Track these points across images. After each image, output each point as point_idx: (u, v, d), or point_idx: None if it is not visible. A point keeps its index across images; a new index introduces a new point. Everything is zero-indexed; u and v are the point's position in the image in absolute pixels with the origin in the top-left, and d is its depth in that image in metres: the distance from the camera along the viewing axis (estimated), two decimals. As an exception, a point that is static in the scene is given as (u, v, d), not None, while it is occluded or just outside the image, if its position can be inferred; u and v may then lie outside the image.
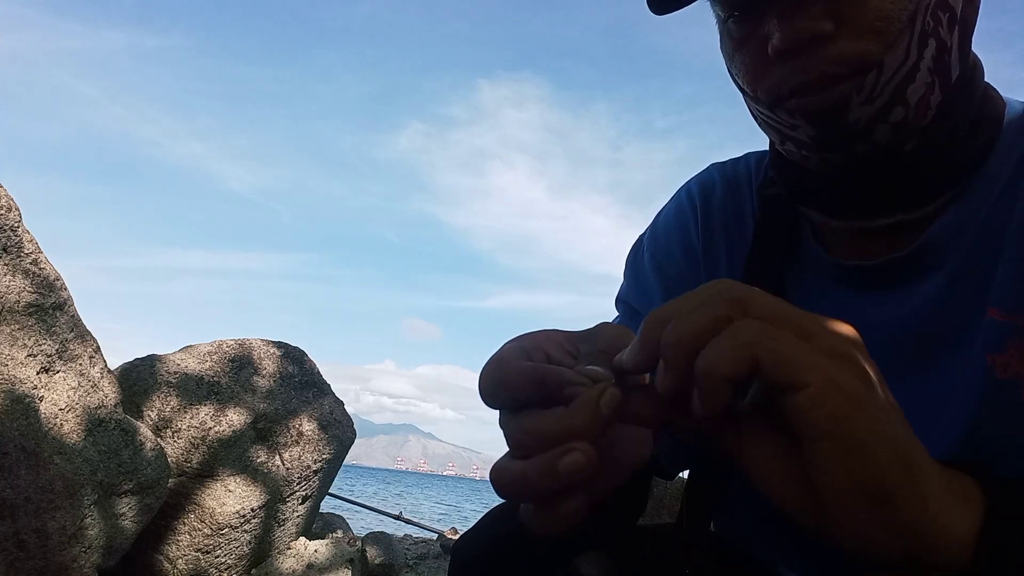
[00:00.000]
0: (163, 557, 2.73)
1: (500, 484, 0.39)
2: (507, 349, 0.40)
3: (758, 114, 0.63)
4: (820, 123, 0.57)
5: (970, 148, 0.59)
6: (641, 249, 0.81)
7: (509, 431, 0.39)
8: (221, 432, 2.83)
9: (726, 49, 0.63)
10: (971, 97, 0.59)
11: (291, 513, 3.09)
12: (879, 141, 0.57)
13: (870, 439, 0.31)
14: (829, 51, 0.54)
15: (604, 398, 0.36)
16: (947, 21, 0.56)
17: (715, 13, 0.63)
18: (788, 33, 0.55)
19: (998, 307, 0.56)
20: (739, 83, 0.62)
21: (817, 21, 0.54)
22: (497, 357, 0.40)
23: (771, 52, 0.56)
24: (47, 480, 1.97)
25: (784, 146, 0.62)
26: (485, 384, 0.39)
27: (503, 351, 0.40)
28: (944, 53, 0.56)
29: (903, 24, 0.54)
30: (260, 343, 3.26)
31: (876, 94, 0.55)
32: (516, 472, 0.37)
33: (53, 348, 2.11)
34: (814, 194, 0.63)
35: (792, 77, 0.56)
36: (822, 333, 0.33)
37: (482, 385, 0.39)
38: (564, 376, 0.37)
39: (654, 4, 0.61)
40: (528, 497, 0.38)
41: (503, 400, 0.39)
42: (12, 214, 2.04)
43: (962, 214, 0.59)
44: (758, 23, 0.58)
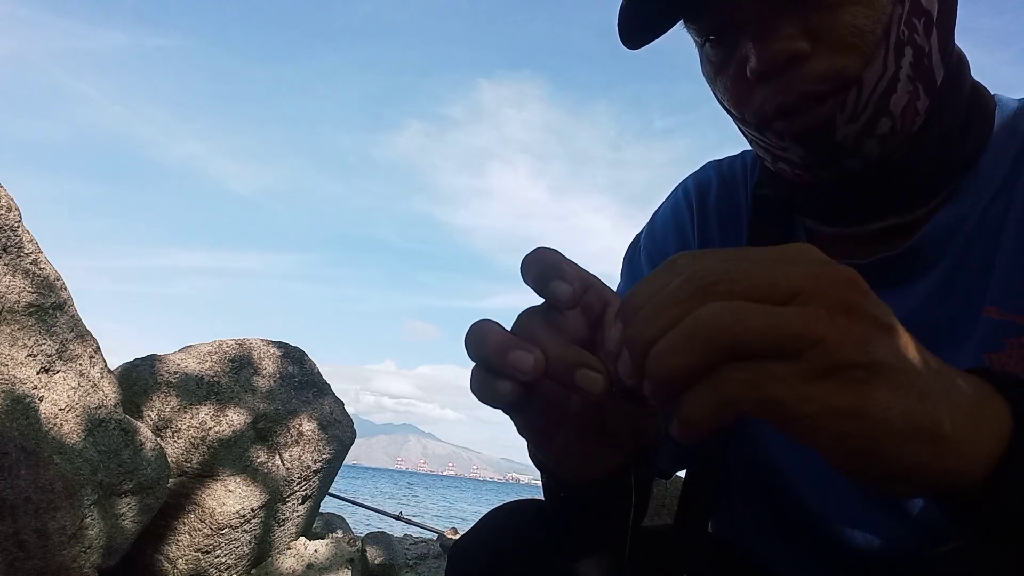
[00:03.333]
0: (163, 557, 2.73)
1: (472, 330, 0.41)
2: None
3: (749, 135, 0.63)
4: (808, 144, 0.57)
5: (962, 149, 0.59)
6: (638, 248, 0.81)
7: (525, 311, 0.43)
8: (221, 432, 2.83)
9: (707, 73, 0.63)
10: (959, 96, 0.59)
11: (291, 513, 3.09)
12: (869, 154, 0.57)
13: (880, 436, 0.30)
14: (807, 70, 0.54)
15: (586, 373, 0.39)
16: (923, 26, 0.55)
17: (692, 38, 0.63)
18: (764, 55, 0.55)
19: (996, 305, 0.56)
20: (725, 106, 0.63)
21: (792, 42, 0.54)
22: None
23: (750, 75, 0.56)
24: (47, 480, 1.97)
25: (777, 166, 0.62)
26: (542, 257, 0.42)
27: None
28: (923, 58, 0.56)
29: (878, 37, 0.54)
30: (260, 343, 3.26)
31: (860, 110, 0.55)
32: (488, 332, 0.41)
33: (53, 348, 2.11)
34: (807, 204, 0.64)
35: (774, 98, 0.56)
36: (807, 289, 0.31)
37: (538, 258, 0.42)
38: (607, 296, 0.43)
39: (627, 39, 0.62)
40: (474, 354, 0.41)
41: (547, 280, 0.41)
42: (12, 214, 2.04)
43: (955, 214, 0.59)
44: (734, 46, 0.58)
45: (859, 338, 0.30)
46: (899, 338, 0.32)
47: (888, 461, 0.30)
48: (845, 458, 0.31)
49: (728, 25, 0.58)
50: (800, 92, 0.54)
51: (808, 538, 0.67)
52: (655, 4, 0.58)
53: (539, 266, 0.41)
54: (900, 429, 0.30)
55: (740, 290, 0.31)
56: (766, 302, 0.30)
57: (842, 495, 0.64)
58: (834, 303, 0.30)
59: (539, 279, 0.41)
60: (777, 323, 0.30)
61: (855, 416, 0.30)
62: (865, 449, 0.30)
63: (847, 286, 0.31)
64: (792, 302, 0.31)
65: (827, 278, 0.31)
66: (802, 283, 0.31)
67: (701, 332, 0.30)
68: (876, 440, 0.30)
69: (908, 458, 0.31)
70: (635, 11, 0.59)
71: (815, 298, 0.30)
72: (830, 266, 0.32)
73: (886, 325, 0.31)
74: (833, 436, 0.30)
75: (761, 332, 0.30)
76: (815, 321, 0.30)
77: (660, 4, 0.58)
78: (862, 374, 0.30)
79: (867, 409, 0.30)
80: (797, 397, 0.29)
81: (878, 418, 0.30)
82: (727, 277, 0.31)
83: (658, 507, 2.52)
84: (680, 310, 0.31)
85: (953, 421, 0.32)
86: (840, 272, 0.32)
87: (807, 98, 0.55)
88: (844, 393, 0.30)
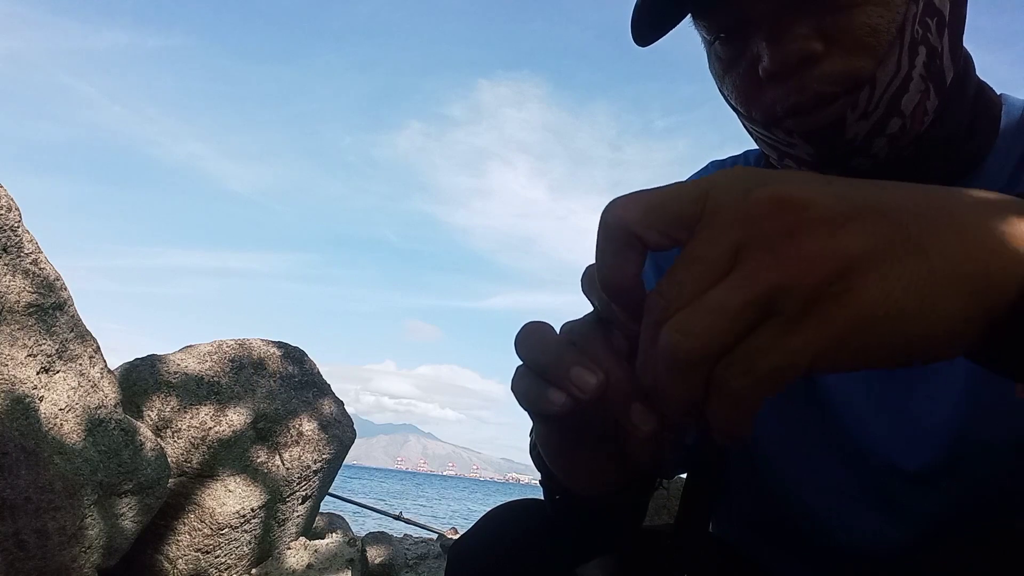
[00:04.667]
0: (163, 557, 2.73)
1: (526, 331, 0.40)
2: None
3: (754, 132, 0.62)
4: (818, 141, 0.56)
5: (967, 149, 0.59)
6: None
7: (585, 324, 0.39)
8: (221, 432, 2.83)
9: (715, 71, 0.62)
10: (965, 96, 0.59)
11: (291, 513, 3.09)
12: (878, 154, 0.57)
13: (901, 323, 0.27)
14: (820, 70, 0.54)
15: (639, 410, 0.36)
16: (936, 26, 0.55)
17: (701, 35, 0.63)
18: (777, 55, 0.54)
19: None
20: (732, 103, 0.62)
21: (806, 41, 0.53)
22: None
23: (762, 74, 0.56)
24: (47, 480, 1.97)
25: (783, 163, 0.61)
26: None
27: None
28: (936, 58, 0.56)
29: (892, 36, 0.53)
30: (260, 343, 3.26)
31: (871, 109, 0.54)
32: (547, 336, 0.39)
33: (53, 348, 2.11)
34: None
35: (785, 98, 0.55)
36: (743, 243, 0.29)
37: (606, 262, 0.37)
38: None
39: (638, 36, 0.61)
40: (527, 355, 0.39)
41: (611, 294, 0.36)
42: (12, 214, 2.04)
43: None
44: (745, 44, 0.58)
45: (813, 257, 0.27)
46: (855, 216, 0.28)
47: (930, 332, 0.28)
48: (893, 359, 0.28)
49: (739, 23, 0.57)
50: (813, 92, 0.54)
51: (807, 539, 0.67)
52: (669, 2, 0.58)
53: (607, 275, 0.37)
54: (916, 303, 0.27)
55: (684, 293, 0.29)
56: (712, 284, 0.29)
57: (841, 496, 0.64)
58: (771, 237, 0.28)
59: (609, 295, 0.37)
60: (727, 306, 0.28)
61: (861, 328, 0.27)
62: (898, 343, 0.28)
63: (771, 209, 0.29)
64: (734, 265, 0.29)
65: (754, 220, 0.29)
66: (735, 239, 0.29)
67: (670, 364, 0.29)
68: (901, 331, 0.27)
69: (952, 312, 0.28)
70: (648, 8, 0.59)
71: (751, 248, 0.28)
72: (746, 201, 0.29)
73: (829, 215, 0.28)
74: (858, 353, 0.28)
75: (718, 329, 0.28)
76: (761, 274, 0.28)
77: (673, 1, 0.58)
78: (839, 288, 0.27)
79: (868, 314, 0.27)
80: (793, 353, 0.28)
81: (885, 313, 0.27)
82: (667, 289, 0.30)
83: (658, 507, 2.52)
84: (647, 344, 0.31)
85: (973, 217, 0.29)
86: (758, 201, 0.29)
87: (819, 97, 0.54)
88: (835, 318, 0.27)
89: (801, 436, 0.66)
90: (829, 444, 0.64)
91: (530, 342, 0.39)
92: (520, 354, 0.40)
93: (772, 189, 0.29)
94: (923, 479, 0.60)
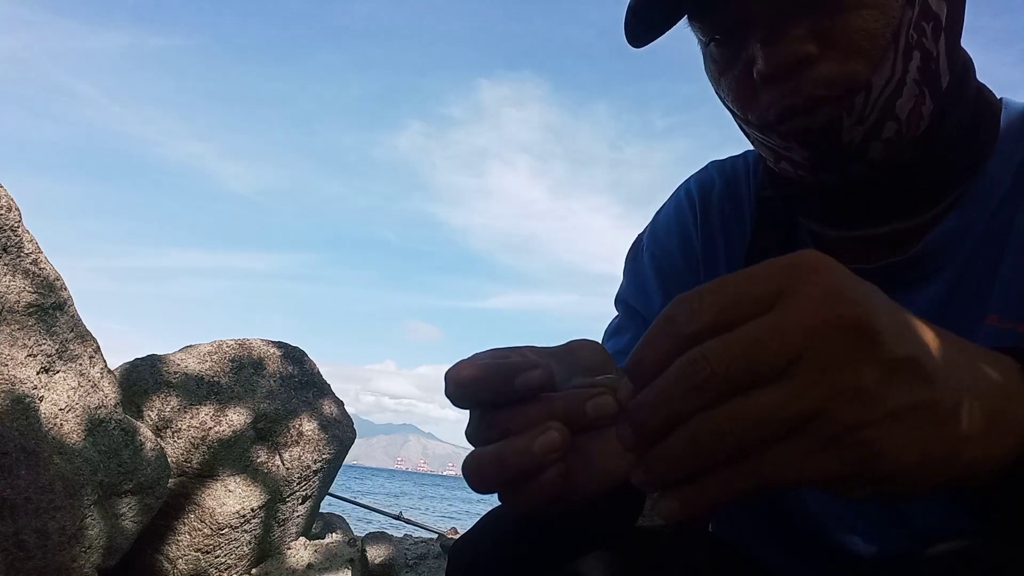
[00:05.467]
0: (163, 557, 2.73)
1: (474, 468, 0.39)
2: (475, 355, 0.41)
3: (751, 135, 0.62)
4: (813, 145, 0.56)
5: (967, 153, 0.59)
6: (640, 248, 0.80)
7: (481, 424, 0.39)
8: (221, 432, 2.83)
9: (711, 73, 0.62)
10: (964, 99, 0.59)
11: (291, 513, 3.09)
12: (874, 158, 0.56)
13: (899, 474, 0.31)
14: (815, 74, 0.53)
15: (597, 400, 0.37)
16: (931, 30, 0.55)
17: (696, 37, 0.62)
18: (772, 58, 0.54)
19: (998, 313, 0.56)
20: (728, 105, 0.62)
21: (801, 44, 0.53)
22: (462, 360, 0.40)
23: (756, 77, 0.55)
24: (47, 480, 1.97)
25: (779, 165, 0.61)
26: (455, 376, 0.39)
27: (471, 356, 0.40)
28: (931, 63, 0.55)
29: (887, 41, 0.53)
30: (260, 343, 3.26)
31: (867, 113, 0.54)
32: (490, 454, 0.38)
33: (53, 348, 2.11)
34: (811, 207, 0.63)
35: (780, 101, 0.55)
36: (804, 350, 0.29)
37: (453, 376, 0.39)
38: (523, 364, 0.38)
39: (632, 38, 0.61)
40: (502, 480, 0.39)
41: (471, 392, 0.39)
42: (12, 214, 2.04)
43: (961, 220, 0.59)
44: (741, 47, 0.57)
45: (863, 396, 0.29)
46: (910, 367, 0.30)
47: (906, 487, 0.31)
48: (859, 491, 0.31)
49: (734, 25, 0.57)
50: (808, 95, 0.54)
51: (807, 541, 0.67)
52: (663, 3, 0.58)
53: (487, 377, 0.39)
54: (918, 464, 0.30)
55: (734, 375, 0.29)
56: (762, 374, 0.29)
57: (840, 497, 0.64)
58: (834, 359, 0.29)
59: (499, 388, 0.38)
60: (772, 409, 0.29)
61: (868, 474, 0.30)
62: (882, 486, 0.31)
63: (847, 335, 0.29)
64: (790, 368, 0.29)
65: (825, 332, 0.29)
66: (799, 343, 0.29)
67: (703, 443, 0.30)
68: (895, 479, 0.30)
69: (924, 482, 0.31)
70: (643, 10, 0.59)
71: (812, 361, 0.29)
72: (829, 307, 0.29)
73: (891, 359, 0.29)
74: (852, 488, 0.31)
75: (758, 423, 0.29)
76: (811, 391, 0.29)
77: (668, 3, 0.58)
78: (871, 433, 0.29)
79: (880, 461, 0.30)
80: (806, 471, 0.30)
81: (893, 466, 0.30)
82: (718, 362, 0.30)
83: (658, 507, 2.52)
84: (678, 407, 0.30)
85: (971, 417, 0.31)
86: (842, 316, 0.29)
87: (813, 101, 0.54)
88: (852, 456, 0.29)
89: None
90: None
91: (488, 466, 0.39)
92: (485, 488, 0.39)
93: (855, 310, 0.29)
94: None
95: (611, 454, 0.46)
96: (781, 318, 0.29)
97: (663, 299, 0.74)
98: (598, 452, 0.44)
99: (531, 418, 0.38)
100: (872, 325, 0.29)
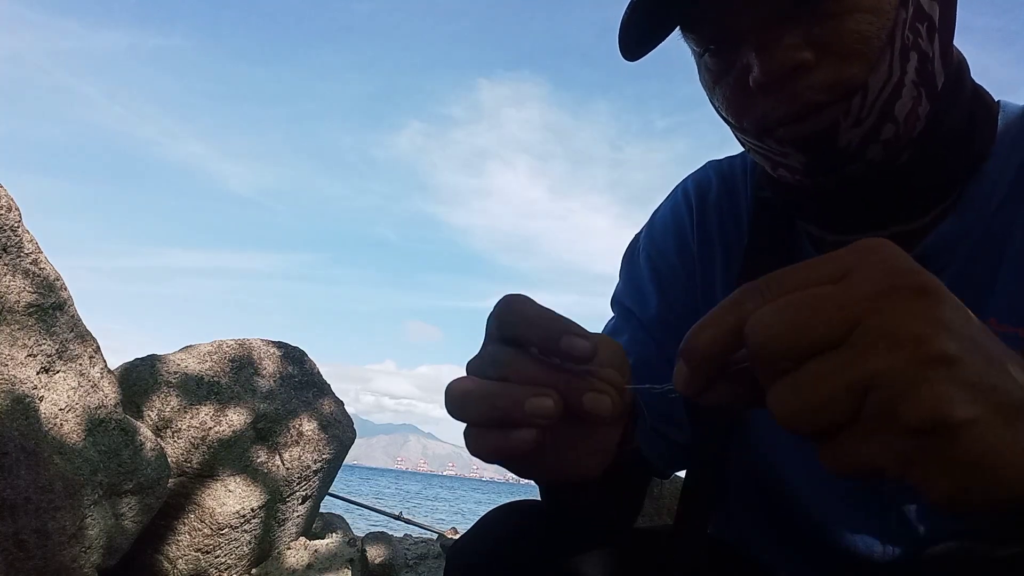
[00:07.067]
0: (163, 557, 2.73)
1: (459, 393, 0.40)
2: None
3: (746, 143, 0.62)
4: (811, 150, 0.56)
5: (965, 154, 0.59)
6: (636, 249, 0.80)
7: (488, 357, 0.41)
8: (221, 432, 2.83)
9: (705, 82, 0.62)
10: (960, 100, 0.59)
11: (291, 513, 3.09)
12: (872, 160, 0.56)
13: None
14: (812, 79, 0.53)
15: (596, 396, 0.38)
16: (926, 31, 0.55)
17: (690, 48, 0.62)
18: (768, 66, 0.53)
19: (997, 317, 0.55)
20: (723, 115, 0.62)
21: (796, 51, 0.53)
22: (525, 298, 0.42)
23: (753, 85, 0.55)
24: (47, 480, 1.97)
25: (777, 172, 0.61)
26: (514, 301, 0.41)
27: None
28: (927, 63, 0.55)
29: (883, 43, 0.53)
30: (260, 343, 3.26)
31: (864, 116, 0.54)
32: (481, 388, 0.39)
33: (53, 348, 2.11)
34: (808, 211, 0.63)
35: (777, 108, 0.55)
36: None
37: (513, 300, 0.41)
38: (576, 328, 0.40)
39: (625, 51, 0.61)
40: (480, 416, 0.39)
41: (514, 328, 0.40)
42: (12, 214, 2.04)
43: (960, 223, 0.58)
44: (735, 56, 0.57)
45: (929, 353, 0.28)
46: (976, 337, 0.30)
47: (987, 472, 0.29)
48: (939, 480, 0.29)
49: (728, 35, 0.57)
50: (805, 102, 0.54)
51: (807, 542, 0.67)
52: (655, 16, 0.58)
53: (538, 321, 0.40)
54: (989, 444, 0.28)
55: (788, 341, 0.30)
56: (819, 343, 0.30)
57: (842, 500, 0.64)
58: (895, 319, 0.29)
59: (546, 338, 0.39)
60: (829, 374, 0.29)
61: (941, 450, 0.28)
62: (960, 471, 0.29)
63: (909, 297, 0.30)
64: (850, 335, 0.29)
65: (887, 296, 0.30)
66: (858, 310, 0.30)
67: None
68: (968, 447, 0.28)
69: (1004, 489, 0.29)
70: (635, 23, 0.59)
71: (873, 325, 0.29)
72: (890, 277, 0.30)
73: (962, 325, 0.30)
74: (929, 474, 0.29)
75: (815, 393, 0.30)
76: (872, 353, 0.29)
77: (660, 15, 0.58)
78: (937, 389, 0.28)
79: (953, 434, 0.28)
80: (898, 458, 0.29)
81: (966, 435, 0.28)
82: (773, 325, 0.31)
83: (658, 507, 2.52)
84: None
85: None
86: (903, 282, 0.30)
87: (811, 106, 0.54)
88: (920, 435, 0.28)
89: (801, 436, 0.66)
90: None
91: (471, 397, 0.40)
92: (462, 415, 0.40)
93: (918, 278, 0.30)
94: None
95: (589, 452, 0.47)
96: (842, 289, 0.30)
97: (659, 300, 0.74)
98: (577, 445, 0.46)
99: (533, 375, 0.39)
100: (935, 289, 0.30)
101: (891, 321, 0.29)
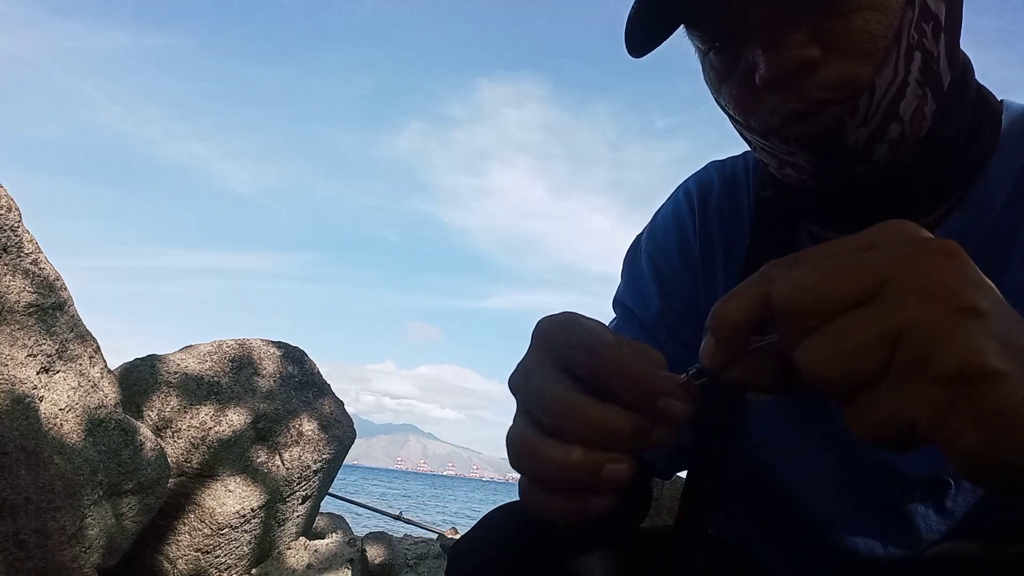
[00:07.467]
0: (163, 557, 2.73)
1: (527, 451, 0.37)
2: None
3: (753, 141, 0.62)
4: (817, 149, 0.56)
5: (969, 154, 0.58)
6: (638, 250, 0.80)
7: (562, 398, 0.36)
8: (221, 432, 2.83)
9: (711, 80, 0.62)
10: (964, 100, 0.59)
11: (291, 513, 3.09)
12: (879, 160, 0.56)
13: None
14: (819, 77, 0.53)
15: (673, 403, 0.35)
16: (931, 30, 0.55)
17: (695, 45, 0.62)
18: (774, 63, 0.53)
19: None
20: (729, 113, 0.61)
21: (803, 48, 0.52)
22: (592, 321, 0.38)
23: (759, 83, 0.55)
24: (47, 480, 1.97)
25: (783, 171, 0.61)
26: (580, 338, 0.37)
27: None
28: (932, 63, 0.55)
29: (890, 42, 0.53)
30: (260, 343, 3.26)
31: (871, 115, 0.54)
32: (556, 455, 0.36)
33: (53, 348, 2.11)
34: (811, 210, 0.63)
35: (783, 106, 0.55)
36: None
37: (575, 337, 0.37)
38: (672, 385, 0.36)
39: (631, 48, 0.61)
40: (555, 481, 0.36)
41: (593, 372, 0.36)
42: (12, 214, 2.04)
43: (964, 221, 0.58)
44: (740, 53, 0.57)
45: (957, 305, 0.28)
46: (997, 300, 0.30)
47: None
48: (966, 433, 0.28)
49: (733, 32, 0.56)
50: (812, 99, 0.53)
51: (808, 543, 0.67)
52: (662, 12, 0.58)
53: (629, 372, 0.35)
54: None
55: (817, 298, 0.30)
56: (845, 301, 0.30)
57: (842, 500, 0.64)
58: (922, 276, 0.29)
59: (638, 398, 0.35)
60: (855, 328, 0.29)
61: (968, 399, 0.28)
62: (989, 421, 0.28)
63: (934, 254, 0.30)
64: (878, 293, 0.30)
65: (913, 255, 0.30)
66: (884, 269, 0.30)
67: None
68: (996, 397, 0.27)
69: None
70: (641, 20, 0.59)
71: (900, 281, 0.29)
72: (915, 241, 0.31)
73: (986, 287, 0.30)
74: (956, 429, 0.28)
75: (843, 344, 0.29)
76: (900, 307, 0.29)
77: (666, 12, 0.58)
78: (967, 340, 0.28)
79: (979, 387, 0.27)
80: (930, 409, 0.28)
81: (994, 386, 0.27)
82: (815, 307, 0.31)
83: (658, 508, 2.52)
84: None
85: None
86: (929, 243, 0.30)
87: (818, 104, 0.53)
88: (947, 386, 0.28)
89: (802, 436, 0.66)
90: (830, 445, 0.64)
91: (544, 459, 0.36)
92: (533, 475, 0.37)
93: (942, 242, 0.31)
94: (926, 486, 0.60)
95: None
96: (871, 254, 0.31)
97: (660, 301, 0.74)
98: None
99: (609, 430, 0.35)
100: (961, 252, 0.30)
101: (922, 275, 0.29)
